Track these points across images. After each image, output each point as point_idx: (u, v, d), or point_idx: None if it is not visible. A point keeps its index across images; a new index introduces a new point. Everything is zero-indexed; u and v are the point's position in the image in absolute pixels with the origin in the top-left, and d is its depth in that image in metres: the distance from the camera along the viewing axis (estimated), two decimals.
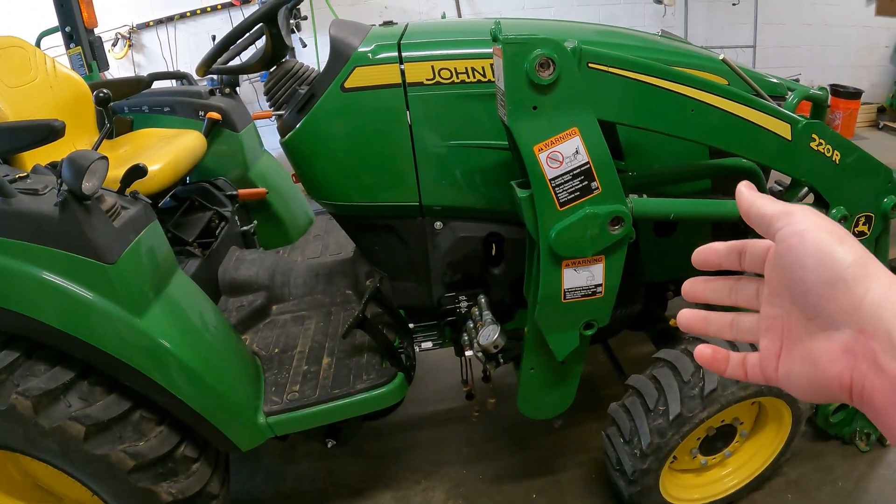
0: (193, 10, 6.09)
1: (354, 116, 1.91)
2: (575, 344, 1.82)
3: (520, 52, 1.40)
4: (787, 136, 1.73)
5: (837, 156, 1.80)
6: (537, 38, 1.40)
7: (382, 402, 2.10)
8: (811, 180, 1.83)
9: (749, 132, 1.69)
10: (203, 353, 1.92)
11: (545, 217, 1.57)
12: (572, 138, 1.48)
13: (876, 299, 0.49)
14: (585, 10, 6.63)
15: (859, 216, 1.91)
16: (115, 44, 6.22)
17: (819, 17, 7.03)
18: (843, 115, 6.88)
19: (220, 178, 3.10)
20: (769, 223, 0.58)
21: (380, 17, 6.05)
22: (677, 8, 6.53)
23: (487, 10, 6.47)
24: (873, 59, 7.41)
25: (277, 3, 2.17)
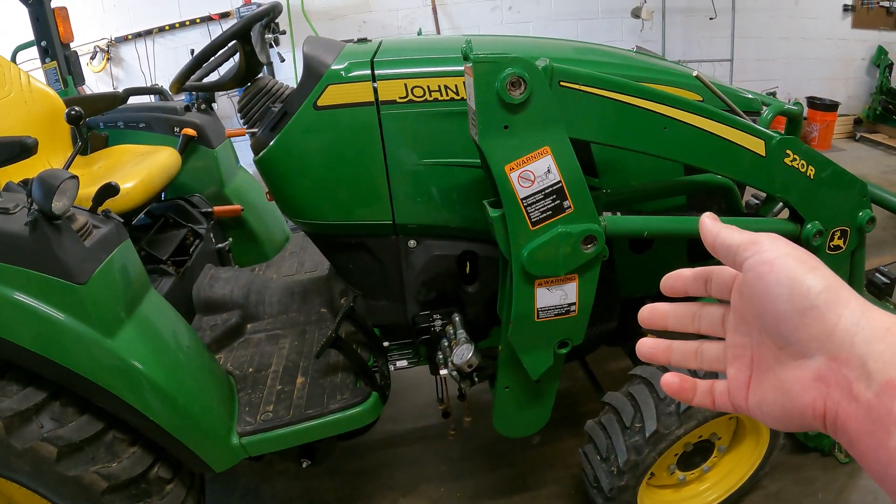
0: (172, 24, 6.06)
1: (327, 135, 1.89)
2: (549, 363, 1.81)
3: (490, 72, 1.39)
4: (761, 151, 1.73)
5: (812, 171, 1.80)
6: (508, 57, 1.39)
7: (357, 422, 2.08)
8: (786, 195, 1.83)
9: (722, 149, 1.69)
10: (175, 373, 1.89)
11: (517, 236, 1.56)
12: (544, 157, 1.48)
13: (849, 326, 0.49)
14: (564, 24, 6.67)
15: (835, 230, 1.91)
16: (94, 57, 6.18)
17: (796, 31, 7.11)
18: (820, 128, 6.97)
19: (196, 195, 3.07)
20: (735, 253, 0.57)
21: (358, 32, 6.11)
22: (655, 22, 6.59)
23: (466, 25, 6.50)
24: (850, 71, 7.50)
25: (251, 20, 2.15)
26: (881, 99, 7.25)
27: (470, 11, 6.48)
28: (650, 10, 6.28)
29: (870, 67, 7.53)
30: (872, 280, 2.52)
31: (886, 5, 7.26)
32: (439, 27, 6.35)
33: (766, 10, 6.90)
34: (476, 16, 6.50)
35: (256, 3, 5.48)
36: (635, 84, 1.58)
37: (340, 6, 6.21)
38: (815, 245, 1.88)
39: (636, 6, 6.33)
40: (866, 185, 1.94)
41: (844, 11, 7.22)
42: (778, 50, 7.16)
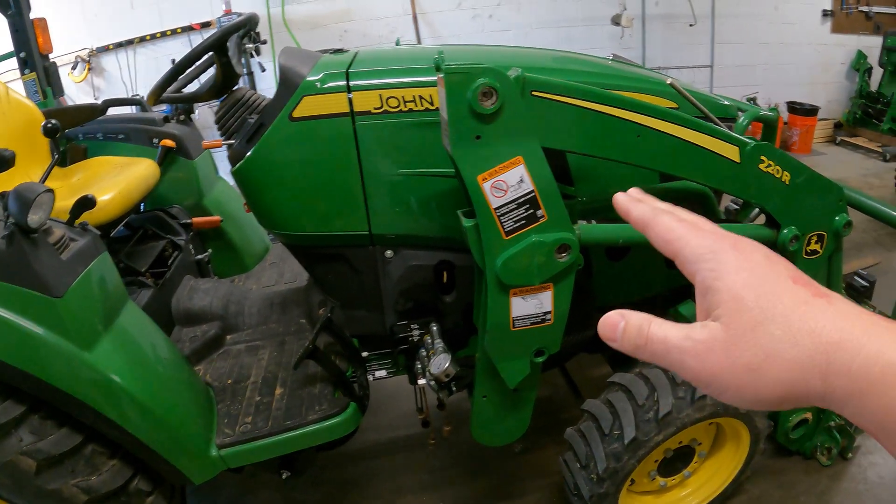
0: (153, 34, 6.04)
1: (303, 146, 1.89)
2: (526, 371, 1.80)
3: (462, 82, 1.39)
4: (736, 158, 1.74)
5: (787, 176, 1.81)
6: (479, 68, 1.39)
7: (335, 433, 2.08)
8: (761, 201, 1.84)
9: (697, 156, 1.69)
10: (153, 386, 1.89)
11: (491, 246, 1.56)
12: (517, 167, 1.48)
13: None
14: (544, 32, 6.70)
15: (811, 235, 1.92)
16: (75, 67, 6.15)
17: (776, 37, 7.17)
18: (800, 132, 7.02)
19: (175, 207, 3.07)
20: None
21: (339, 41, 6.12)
22: (634, 29, 6.63)
23: (447, 34, 6.51)
24: (829, 75, 7.57)
25: (226, 31, 2.15)
26: (861, 103, 7.32)
27: (451, 20, 6.49)
28: (630, 18, 6.31)
29: (849, 72, 7.59)
30: (851, 283, 2.54)
31: (865, 10, 7.33)
32: (420, 36, 6.35)
33: (746, 16, 6.95)
34: (457, 24, 6.51)
35: (237, 13, 5.47)
36: (607, 92, 1.58)
37: (322, 15, 6.21)
38: (791, 250, 1.89)
39: (616, 13, 6.36)
40: (842, 189, 1.95)
41: (824, 16, 7.28)
42: (758, 55, 7.21)
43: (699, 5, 6.56)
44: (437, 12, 6.44)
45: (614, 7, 6.42)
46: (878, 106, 7.08)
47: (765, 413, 2.12)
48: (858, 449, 2.66)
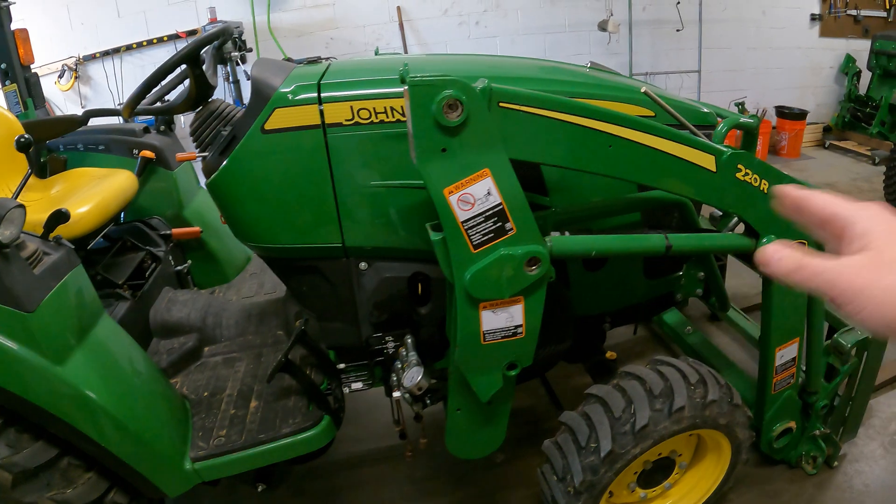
0: (139, 42, 6.01)
1: (275, 158, 1.87)
2: (498, 385, 1.79)
3: (426, 94, 1.38)
4: (712, 167, 1.73)
5: (765, 184, 1.80)
6: (444, 80, 1.37)
7: (309, 446, 2.07)
8: (739, 211, 1.84)
9: (671, 166, 1.68)
10: (126, 399, 1.89)
11: (459, 260, 1.54)
12: (483, 179, 1.46)
13: None
14: (531, 39, 6.69)
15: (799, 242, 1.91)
16: (62, 75, 6.12)
17: (764, 41, 7.17)
18: (789, 136, 7.03)
19: (155, 218, 3.05)
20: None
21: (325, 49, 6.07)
22: (621, 35, 6.61)
23: (433, 41, 6.49)
24: (818, 79, 7.57)
25: (199, 43, 2.14)
26: (850, 107, 7.31)
27: (437, 27, 6.47)
28: (616, 23, 6.30)
29: (838, 76, 7.59)
30: None
31: (854, 14, 7.33)
32: (406, 43, 6.34)
33: (734, 20, 6.94)
34: (443, 31, 6.49)
35: (223, 22, 5.46)
36: (577, 103, 1.56)
37: (307, 23, 6.18)
38: None
39: (602, 19, 6.35)
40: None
41: (812, 21, 7.28)
42: (746, 60, 7.20)
43: (686, 11, 6.56)
44: (423, 19, 6.42)
45: (601, 13, 6.41)
46: (867, 109, 7.08)
47: (745, 423, 2.10)
48: (844, 457, 2.65)
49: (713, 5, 6.69)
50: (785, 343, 2.20)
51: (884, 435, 2.78)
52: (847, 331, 2.33)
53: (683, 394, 1.90)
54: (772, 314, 2.12)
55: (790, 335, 2.19)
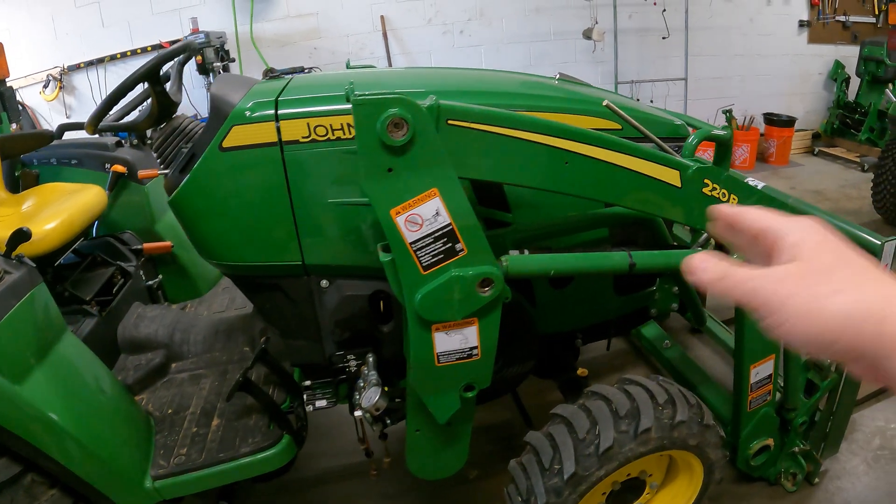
0: (123, 52, 6.01)
1: (234, 176, 1.83)
2: (456, 407, 1.75)
3: (370, 114, 1.34)
4: (676, 182, 1.69)
5: (734, 200, 1.77)
6: (389, 98, 1.34)
7: (268, 466, 2.05)
8: (706, 227, 1.79)
9: (632, 182, 1.64)
10: (86, 418, 1.88)
11: (409, 281, 1.51)
12: (432, 200, 1.42)
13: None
14: (515, 47, 6.69)
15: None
16: (47, 86, 6.12)
17: (751, 48, 7.17)
18: (777, 143, 7.02)
19: (127, 232, 3.03)
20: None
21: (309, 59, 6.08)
22: (607, 43, 6.60)
23: (417, 51, 6.49)
24: (807, 86, 7.57)
25: (160, 60, 2.12)
26: (839, 113, 7.31)
27: (421, 36, 6.46)
28: (601, 31, 6.28)
29: (827, 82, 7.59)
30: None
31: (842, 20, 7.34)
32: (390, 53, 6.33)
33: (721, 28, 6.95)
34: (427, 41, 6.49)
35: (204, 32, 5.44)
36: (531, 118, 1.53)
37: (291, 33, 6.18)
38: None
39: (587, 27, 6.33)
40: (795, 210, 1.90)
41: (800, 27, 7.28)
42: (733, 67, 7.20)
43: (673, 18, 6.55)
44: (407, 28, 6.41)
45: (587, 21, 6.40)
46: (856, 116, 7.07)
47: (717, 444, 2.06)
48: (826, 473, 2.60)
49: (699, 13, 6.68)
50: (759, 360, 2.17)
51: (867, 450, 2.75)
52: None
53: (650, 414, 1.86)
54: (745, 331, 2.08)
55: (765, 352, 2.16)
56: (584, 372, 2.48)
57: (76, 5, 5.90)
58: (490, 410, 2.98)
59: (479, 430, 2.92)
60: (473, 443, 2.01)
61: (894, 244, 2.00)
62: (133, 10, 5.95)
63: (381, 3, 6.30)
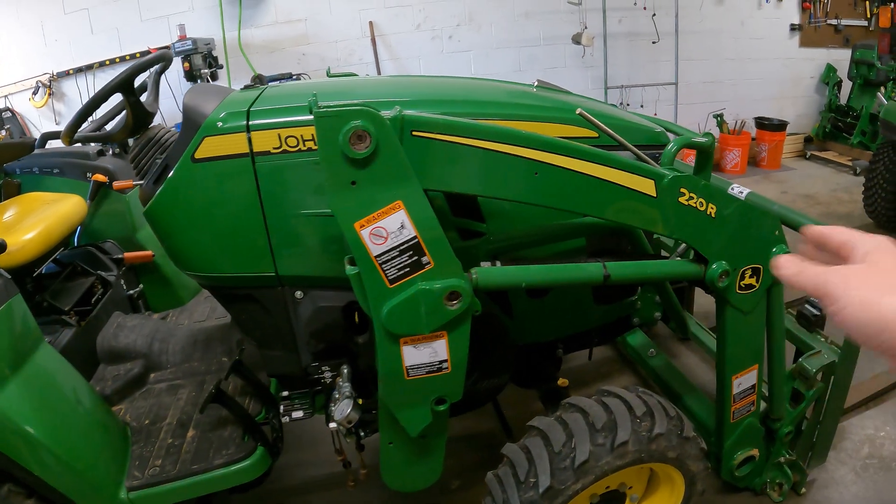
0: (112, 59, 5.99)
1: (206, 188, 1.81)
2: (427, 420, 1.73)
3: (332, 126, 1.32)
4: (651, 192, 1.66)
5: (713, 209, 1.73)
6: (351, 110, 1.32)
7: (242, 477, 2.04)
8: (685, 237, 1.76)
9: (605, 192, 1.62)
10: (61, 429, 1.87)
11: (375, 295, 1.49)
12: (396, 212, 1.41)
13: None
14: (505, 52, 6.68)
15: (745, 269, 1.85)
16: (36, 92, 6.11)
17: (742, 52, 7.17)
18: (768, 148, 7.01)
19: (108, 241, 3.02)
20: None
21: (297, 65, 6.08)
22: (596, 48, 6.59)
23: (406, 56, 6.48)
24: (799, 90, 7.57)
25: (133, 71, 2.11)
26: (830, 117, 7.31)
27: (409, 42, 6.45)
28: (591, 36, 6.27)
29: (819, 86, 7.60)
30: (803, 312, 2.46)
31: (834, 23, 7.34)
32: (378, 59, 6.32)
33: (711, 32, 6.94)
34: (416, 46, 6.47)
35: (191, 39, 5.43)
36: (499, 128, 1.50)
37: (279, 39, 6.17)
38: (721, 286, 1.82)
39: (577, 32, 6.32)
40: (778, 219, 1.88)
41: (792, 31, 7.28)
42: (724, 72, 7.20)
43: (663, 23, 6.54)
44: (395, 34, 6.40)
45: (576, 26, 6.38)
46: (847, 119, 7.07)
47: (698, 456, 2.03)
48: (814, 483, 2.58)
49: (690, 17, 6.68)
50: (742, 371, 2.14)
51: (856, 459, 2.72)
52: (813, 355, 2.27)
53: (628, 427, 1.83)
54: (726, 342, 2.06)
55: (747, 363, 2.13)
56: (564, 382, 2.46)
57: (65, 12, 5.88)
58: (473, 419, 2.96)
59: (462, 440, 2.91)
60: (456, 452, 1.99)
61: None
62: (122, 16, 5.94)
63: (370, 9, 6.28)
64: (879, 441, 2.82)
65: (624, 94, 6.75)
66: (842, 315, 0.66)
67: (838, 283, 0.67)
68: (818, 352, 2.28)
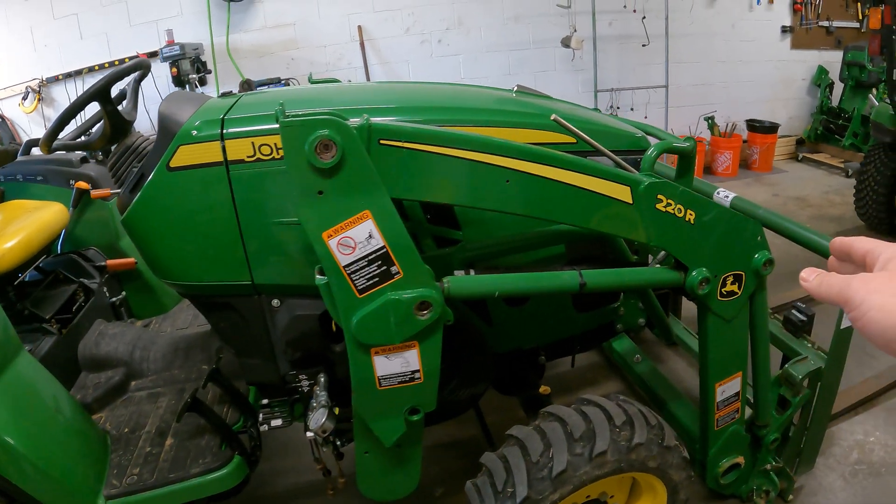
0: (101, 64, 5.99)
1: (181, 197, 1.80)
2: (401, 430, 1.71)
3: (298, 136, 1.31)
4: (627, 199, 1.64)
5: (692, 215, 1.71)
6: (316, 119, 1.31)
7: (219, 486, 2.05)
8: (663, 244, 1.74)
9: (579, 200, 1.60)
10: (39, 438, 1.88)
11: (344, 305, 1.48)
12: (364, 222, 1.39)
13: None
14: (494, 56, 6.67)
15: (727, 275, 1.83)
16: (26, 98, 6.12)
17: (734, 55, 7.16)
18: (760, 150, 7.01)
19: (91, 249, 3.03)
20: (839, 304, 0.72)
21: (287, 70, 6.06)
22: (586, 51, 6.58)
23: (395, 60, 6.47)
24: (790, 92, 7.56)
25: (110, 80, 2.10)
26: (822, 119, 7.30)
27: (399, 46, 6.44)
28: (580, 39, 6.25)
29: (811, 87, 7.59)
30: (789, 317, 2.45)
31: (826, 25, 7.33)
32: (367, 63, 6.31)
33: (702, 35, 6.93)
34: (405, 50, 6.46)
35: (179, 44, 5.42)
36: (468, 135, 1.49)
37: (268, 44, 6.17)
38: (701, 294, 1.80)
39: (566, 35, 6.30)
40: (760, 225, 1.86)
41: (783, 33, 7.28)
42: (715, 74, 7.19)
43: (653, 25, 6.52)
44: (384, 38, 6.39)
45: (565, 29, 6.36)
46: (839, 121, 7.07)
47: (680, 465, 2.01)
48: (802, 490, 2.56)
49: (680, 20, 6.67)
50: (725, 378, 2.12)
51: (844, 465, 2.70)
52: (799, 361, 2.26)
53: (606, 437, 1.81)
54: (709, 350, 2.04)
55: (730, 370, 2.11)
56: (546, 390, 2.45)
57: (54, 17, 5.89)
58: (458, 426, 2.94)
59: (446, 447, 2.89)
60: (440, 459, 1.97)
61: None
62: (111, 22, 5.94)
63: (359, 13, 6.27)
64: (869, 446, 2.80)
65: (614, 98, 6.74)
66: (863, 321, 0.67)
67: (859, 288, 0.69)
68: (805, 358, 2.26)
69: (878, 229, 4.99)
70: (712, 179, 6.94)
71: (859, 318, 0.67)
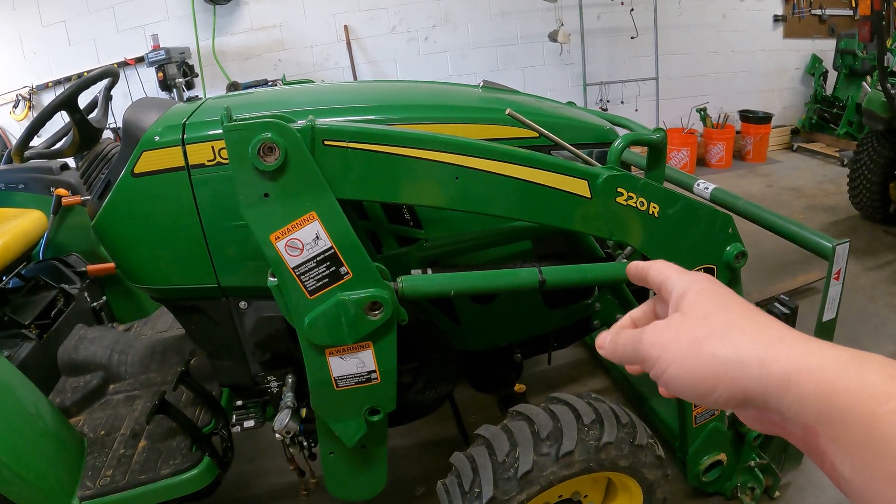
0: (90, 70, 5.99)
1: (146, 202, 1.81)
2: (362, 430, 1.71)
3: (241, 139, 1.32)
4: (585, 193, 1.61)
5: (656, 208, 1.69)
6: (258, 122, 1.32)
7: (189, 487, 2.06)
8: (625, 239, 1.70)
9: (535, 196, 1.58)
10: (13, 442, 1.89)
11: (296, 306, 1.48)
12: (311, 223, 1.40)
13: (756, 389, 0.52)
14: (482, 52, 6.67)
15: (697, 269, 1.81)
16: (16, 105, 6.14)
17: (725, 45, 7.12)
18: (754, 141, 6.98)
19: (73, 255, 3.04)
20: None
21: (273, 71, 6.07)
22: (574, 44, 6.57)
23: (381, 59, 6.47)
24: (783, 81, 7.52)
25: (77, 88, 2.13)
26: (817, 108, 7.26)
27: (385, 44, 6.44)
28: (567, 33, 6.24)
29: (804, 77, 7.55)
30: (772, 311, 2.42)
31: (819, 13, 7.29)
32: (354, 62, 6.32)
33: (692, 26, 6.91)
34: (391, 48, 6.46)
35: (164, 49, 5.43)
36: (414, 133, 1.49)
37: (254, 46, 6.18)
38: None
39: (553, 30, 6.29)
40: (730, 218, 1.83)
41: (775, 22, 7.24)
42: (707, 65, 7.16)
43: (642, 17, 6.50)
44: (370, 37, 6.40)
45: (552, 23, 6.35)
46: (834, 110, 7.03)
47: (655, 463, 1.99)
48: (789, 486, 2.53)
49: (669, 11, 6.65)
50: None
51: None
52: None
53: (573, 436, 1.79)
54: None
55: None
56: (521, 388, 2.44)
57: (42, 24, 5.91)
58: (439, 425, 2.95)
59: (427, 446, 2.89)
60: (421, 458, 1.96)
61: (846, 247, 1.95)
62: (98, 28, 5.96)
63: (345, 13, 6.28)
64: None
65: (604, 91, 6.72)
66: (664, 378, 0.59)
67: (654, 343, 0.60)
68: None
69: (873, 218, 4.97)
70: (706, 171, 6.91)
71: (660, 377, 0.59)
